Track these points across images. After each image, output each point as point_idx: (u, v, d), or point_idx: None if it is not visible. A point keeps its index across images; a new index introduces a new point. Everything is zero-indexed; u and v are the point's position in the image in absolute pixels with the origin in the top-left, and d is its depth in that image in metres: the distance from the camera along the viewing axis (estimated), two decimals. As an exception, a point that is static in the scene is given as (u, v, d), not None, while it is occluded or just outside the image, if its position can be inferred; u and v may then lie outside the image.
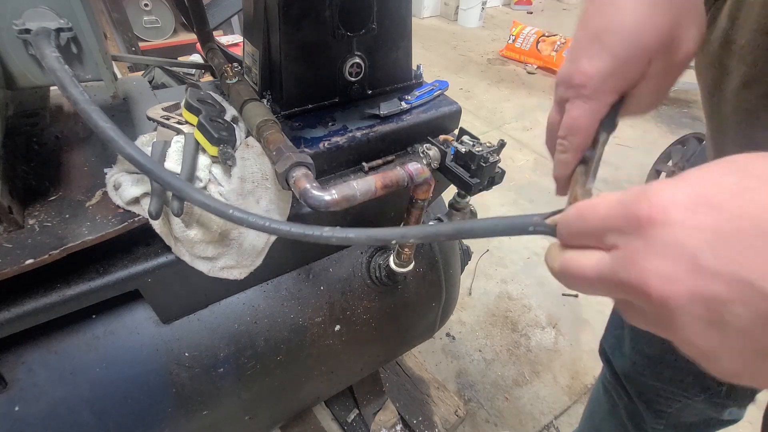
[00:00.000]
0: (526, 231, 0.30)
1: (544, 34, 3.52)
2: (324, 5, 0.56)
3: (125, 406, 0.59)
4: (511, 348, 1.53)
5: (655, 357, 0.74)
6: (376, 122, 0.64)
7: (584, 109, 0.36)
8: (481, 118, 2.87)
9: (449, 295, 0.94)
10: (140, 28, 2.38)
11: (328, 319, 0.74)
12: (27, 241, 0.45)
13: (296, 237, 0.38)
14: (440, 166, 0.61)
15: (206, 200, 0.40)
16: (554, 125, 0.40)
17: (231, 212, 0.40)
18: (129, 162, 0.39)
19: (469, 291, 1.70)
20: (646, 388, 0.80)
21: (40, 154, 0.57)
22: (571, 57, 0.37)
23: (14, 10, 0.41)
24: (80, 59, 0.46)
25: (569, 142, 0.37)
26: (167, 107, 0.57)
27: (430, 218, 0.76)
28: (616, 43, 0.34)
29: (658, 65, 0.35)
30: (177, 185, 0.40)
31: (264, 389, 0.72)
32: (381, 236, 0.36)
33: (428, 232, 0.34)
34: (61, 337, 0.55)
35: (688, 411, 0.78)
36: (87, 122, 0.38)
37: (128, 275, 0.51)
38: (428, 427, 1.12)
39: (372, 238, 0.36)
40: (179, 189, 0.40)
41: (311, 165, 0.48)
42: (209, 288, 0.62)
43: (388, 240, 0.36)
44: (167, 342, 0.61)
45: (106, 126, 0.37)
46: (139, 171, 0.41)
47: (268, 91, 0.61)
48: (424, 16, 4.56)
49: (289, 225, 0.39)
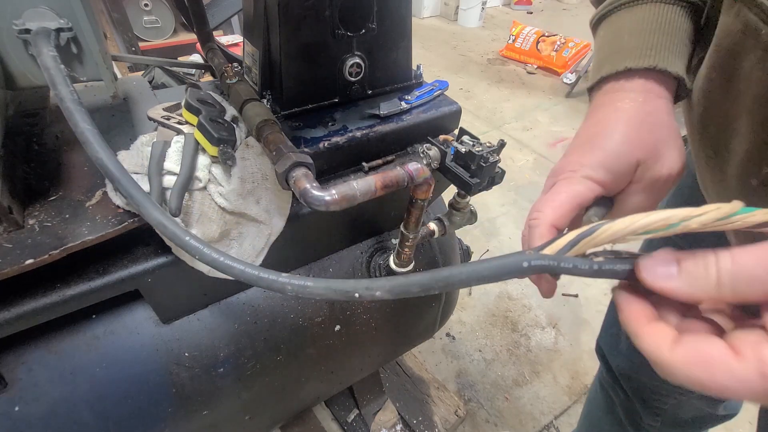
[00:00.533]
0: (520, 270, 0.25)
1: (544, 34, 3.52)
2: (324, 5, 0.56)
3: (125, 406, 0.59)
4: (511, 348, 1.53)
5: None
6: (376, 122, 0.64)
7: (567, 187, 0.37)
8: (481, 118, 2.87)
9: (449, 295, 0.94)
10: (140, 28, 2.38)
11: (328, 319, 0.74)
12: (27, 241, 0.45)
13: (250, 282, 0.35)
14: (440, 166, 0.61)
15: (161, 219, 0.39)
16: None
17: (187, 239, 0.38)
18: (100, 170, 0.38)
19: (469, 291, 1.70)
20: (642, 385, 0.81)
21: (40, 154, 0.57)
22: (564, 155, 0.40)
23: (14, 10, 0.41)
24: (80, 59, 0.46)
25: (542, 214, 0.36)
26: (168, 107, 0.57)
27: (430, 218, 0.76)
28: (606, 142, 0.39)
29: (644, 171, 0.38)
30: (139, 200, 0.39)
31: (264, 389, 0.72)
32: (341, 288, 0.29)
33: (397, 285, 0.27)
34: (61, 337, 0.55)
35: (684, 408, 0.79)
36: (68, 121, 0.38)
37: (128, 275, 0.51)
38: (428, 427, 1.12)
39: (330, 290, 0.30)
40: (139, 206, 0.39)
41: (311, 165, 0.48)
42: (209, 288, 0.62)
43: (349, 293, 0.29)
44: (167, 342, 0.61)
45: (85, 128, 0.37)
46: (108, 179, 0.40)
47: (268, 91, 0.61)
48: (424, 16, 4.56)
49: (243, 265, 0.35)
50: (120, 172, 0.39)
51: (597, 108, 0.42)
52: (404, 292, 0.27)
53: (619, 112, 0.39)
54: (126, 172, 0.39)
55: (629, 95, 0.40)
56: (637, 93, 0.40)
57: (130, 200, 0.40)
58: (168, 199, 0.46)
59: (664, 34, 0.40)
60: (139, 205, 0.39)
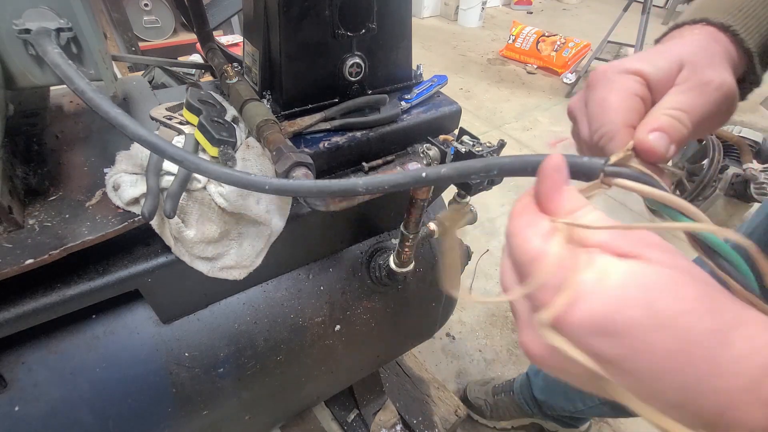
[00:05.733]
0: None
1: (544, 34, 3.51)
2: (324, 5, 0.56)
3: (125, 406, 0.59)
4: (511, 348, 1.53)
5: None
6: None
7: (608, 87, 0.34)
8: (481, 118, 2.87)
9: (449, 295, 0.94)
10: (140, 28, 2.38)
11: (328, 319, 0.74)
12: (27, 241, 0.45)
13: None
14: (440, 166, 0.61)
15: (226, 171, 0.38)
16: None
17: (251, 178, 0.37)
18: (143, 146, 0.38)
19: (469, 291, 1.70)
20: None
21: (40, 154, 0.57)
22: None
23: (14, 10, 0.41)
24: (80, 59, 0.46)
25: (604, 122, 0.33)
26: (170, 107, 0.57)
27: (430, 218, 0.76)
28: (644, 53, 0.35)
29: (692, 72, 0.33)
30: (193, 161, 0.38)
31: (264, 389, 0.72)
32: (410, 175, 0.31)
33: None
34: (61, 337, 0.55)
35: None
36: (97, 111, 0.37)
37: (128, 275, 0.51)
38: (428, 427, 1.12)
39: (403, 176, 0.31)
40: (196, 164, 0.38)
41: (311, 165, 0.48)
42: (209, 288, 0.62)
43: (417, 174, 0.31)
44: (167, 342, 0.61)
45: (117, 113, 0.37)
46: (155, 153, 0.39)
47: (268, 91, 0.61)
48: (424, 16, 4.56)
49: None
50: (166, 144, 0.38)
51: (658, 45, 0.38)
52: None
53: (676, 38, 0.36)
54: (172, 144, 0.39)
55: (695, 30, 0.36)
56: (706, 32, 0.36)
57: (186, 165, 0.38)
58: (163, 201, 0.46)
59: (761, 2, 0.36)
60: (198, 166, 0.38)
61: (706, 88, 0.32)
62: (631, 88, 0.33)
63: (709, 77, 0.32)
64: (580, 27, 4.46)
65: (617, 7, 2.93)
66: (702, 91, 0.32)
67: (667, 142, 0.30)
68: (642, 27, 2.79)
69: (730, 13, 0.36)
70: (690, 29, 0.37)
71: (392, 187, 0.31)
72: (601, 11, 4.97)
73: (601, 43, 2.96)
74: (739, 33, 0.35)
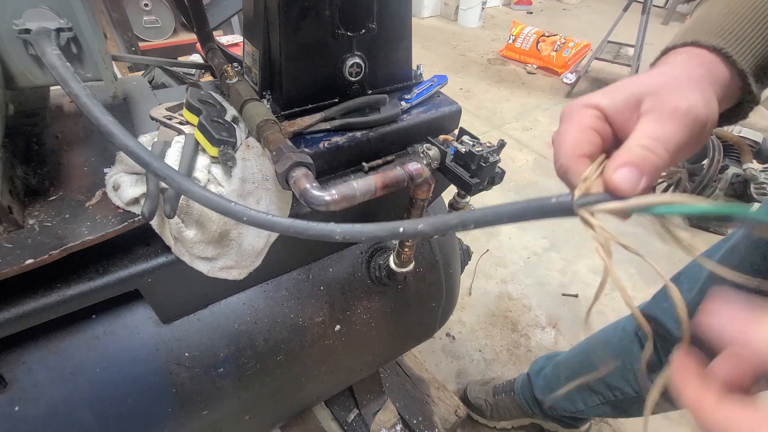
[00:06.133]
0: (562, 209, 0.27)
1: (544, 34, 3.52)
2: (324, 5, 0.56)
3: (125, 406, 0.59)
4: (511, 348, 1.53)
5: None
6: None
7: (569, 122, 0.35)
8: (481, 118, 2.87)
9: (449, 295, 0.94)
10: (140, 28, 2.38)
11: (328, 319, 0.74)
12: (27, 241, 0.45)
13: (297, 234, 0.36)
14: (440, 166, 0.61)
15: (207, 195, 0.39)
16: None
17: (232, 206, 0.38)
18: (129, 156, 0.38)
19: (469, 291, 1.70)
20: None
21: (40, 154, 0.57)
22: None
23: (14, 10, 0.41)
24: (80, 59, 0.46)
25: (563, 157, 0.34)
26: (171, 107, 0.57)
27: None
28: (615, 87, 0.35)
29: (658, 101, 0.33)
30: (175, 179, 0.39)
31: (264, 389, 0.72)
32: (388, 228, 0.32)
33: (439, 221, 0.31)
34: (61, 337, 0.55)
35: None
36: (88, 117, 0.37)
37: (128, 275, 0.51)
38: (428, 427, 1.12)
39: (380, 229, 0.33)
40: (178, 183, 0.39)
41: (311, 165, 0.48)
42: (209, 288, 0.62)
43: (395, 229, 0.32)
44: (167, 342, 0.61)
45: (108, 120, 0.37)
46: (139, 165, 0.40)
47: (268, 91, 0.61)
48: (424, 16, 4.56)
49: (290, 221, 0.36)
50: (152, 157, 0.39)
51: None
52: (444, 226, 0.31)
53: (658, 66, 0.36)
54: (158, 158, 0.39)
55: (679, 57, 0.37)
56: (692, 56, 0.36)
57: (168, 182, 0.39)
58: (163, 201, 0.46)
59: (753, 24, 0.37)
60: (181, 186, 0.39)
61: (676, 113, 0.32)
62: (586, 121, 0.34)
63: (675, 103, 0.32)
64: (580, 27, 4.46)
65: (617, 7, 2.93)
66: (672, 116, 0.32)
67: (637, 176, 0.29)
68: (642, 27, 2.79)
69: (721, 35, 0.36)
70: (676, 53, 0.37)
71: (369, 238, 0.33)
72: (601, 11, 4.97)
73: (601, 43, 2.96)
74: (731, 55, 0.36)
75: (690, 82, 0.34)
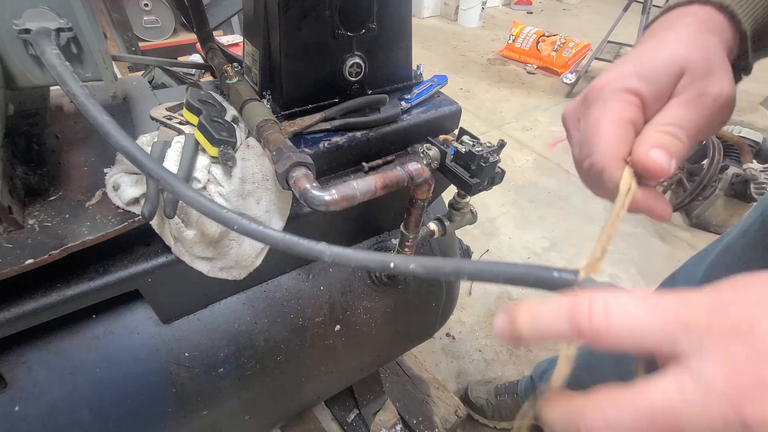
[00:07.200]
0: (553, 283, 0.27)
1: (544, 34, 3.51)
2: (324, 5, 0.56)
3: (125, 406, 0.59)
4: (511, 348, 1.53)
5: None
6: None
7: (603, 109, 0.32)
8: (481, 118, 2.87)
9: (449, 295, 0.94)
10: (140, 28, 2.38)
11: (328, 319, 0.74)
12: (27, 241, 0.45)
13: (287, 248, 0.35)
14: (440, 166, 0.61)
15: (199, 199, 0.39)
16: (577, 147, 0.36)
17: (224, 213, 0.38)
18: (125, 157, 0.38)
19: (469, 291, 1.70)
20: None
21: (40, 154, 0.57)
22: (603, 73, 0.36)
23: (14, 10, 0.41)
24: (80, 59, 0.46)
25: (598, 156, 0.32)
26: (171, 107, 0.57)
27: (430, 218, 0.76)
28: (644, 54, 0.33)
29: (690, 82, 0.32)
30: (170, 181, 0.39)
31: (264, 389, 0.72)
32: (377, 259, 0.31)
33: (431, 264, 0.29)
34: (61, 337, 0.55)
35: None
36: (86, 116, 0.37)
37: (128, 275, 0.51)
38: (428, 427, 1.12)
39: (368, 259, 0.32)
40: (171, 185, 0.39)
41: (311, 165, 0.48)
42: (209, 288, 0.62)
43: (385, 263, 0.30)
44: (167, 342, 0.61)
45: (105, 120, 0.37)
46: (134, 165, 0.40)
47: (268, 91, 0.61)
48: (424, 16, 4.56)
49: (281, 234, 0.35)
50: (147, 158, 0.39)
51: (650, 31, 0.37)
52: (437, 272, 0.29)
53: (670, 30, 0.35)
54: (153, 159, 0.39)
55: (689, 18, 0.35)
56: (699, 19, 0.35)
57: (163, 184, 0.39)
58: (164, 200, 0.46)
59: None
60: (174, 188, 0.38)
61: (704, 100, 0.31)
62: (626, 114, 0.32)
63: (708, 88, 0.31)
64: (580, 27, 4.46)
65: (617, 7, 2.93)
66: (698, 103, 0.31)
67: (668, 159, 0.29)
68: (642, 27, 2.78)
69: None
70: (682, 14, 0.36)
71: (357, 266, 0.32)
72: (601, 11, 4.97)
73: (601, 43, 2.96)
74: (736, 14, 0.34)
75: (723, 64, 0.33)
